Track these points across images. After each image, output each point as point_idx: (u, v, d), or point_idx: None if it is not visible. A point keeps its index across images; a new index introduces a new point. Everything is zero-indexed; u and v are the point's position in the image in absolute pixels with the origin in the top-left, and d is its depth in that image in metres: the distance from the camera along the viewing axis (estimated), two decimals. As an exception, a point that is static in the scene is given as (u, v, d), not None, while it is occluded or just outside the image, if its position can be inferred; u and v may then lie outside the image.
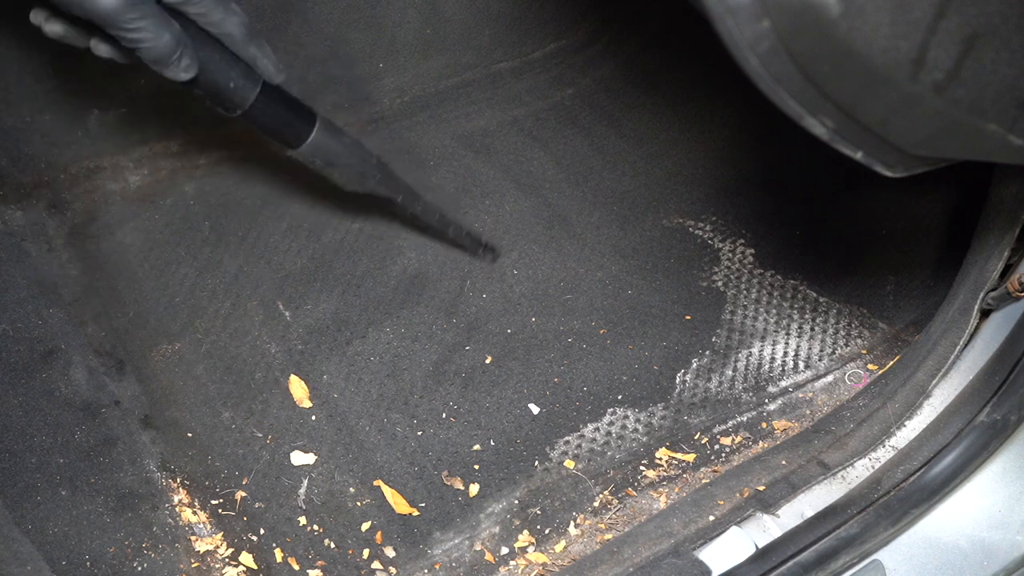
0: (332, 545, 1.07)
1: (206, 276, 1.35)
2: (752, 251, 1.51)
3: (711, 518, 1.03)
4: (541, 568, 1.05)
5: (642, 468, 1.18)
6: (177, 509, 1.07)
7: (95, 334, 1.24)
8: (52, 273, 1.30)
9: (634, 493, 1.14)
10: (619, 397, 1.26)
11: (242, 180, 1.52)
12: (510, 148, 1.68)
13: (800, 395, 1.28)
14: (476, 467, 1.16)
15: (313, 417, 1.20)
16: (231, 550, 1.05)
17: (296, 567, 1.04)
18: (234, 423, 1.17)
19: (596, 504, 1.13)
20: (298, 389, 1.19)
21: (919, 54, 0.55)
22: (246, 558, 1.04)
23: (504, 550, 1.08)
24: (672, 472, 1.17)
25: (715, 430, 1.23)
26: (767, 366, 1.32)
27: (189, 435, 1.16)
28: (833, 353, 1.34)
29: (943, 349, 1.05)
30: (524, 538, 1.09)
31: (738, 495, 1.06)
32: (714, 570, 0.95)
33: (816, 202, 1.59)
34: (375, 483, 1.13)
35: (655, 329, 1.36)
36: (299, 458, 1.15)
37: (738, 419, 1.24)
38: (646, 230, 1.54)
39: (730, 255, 1.50)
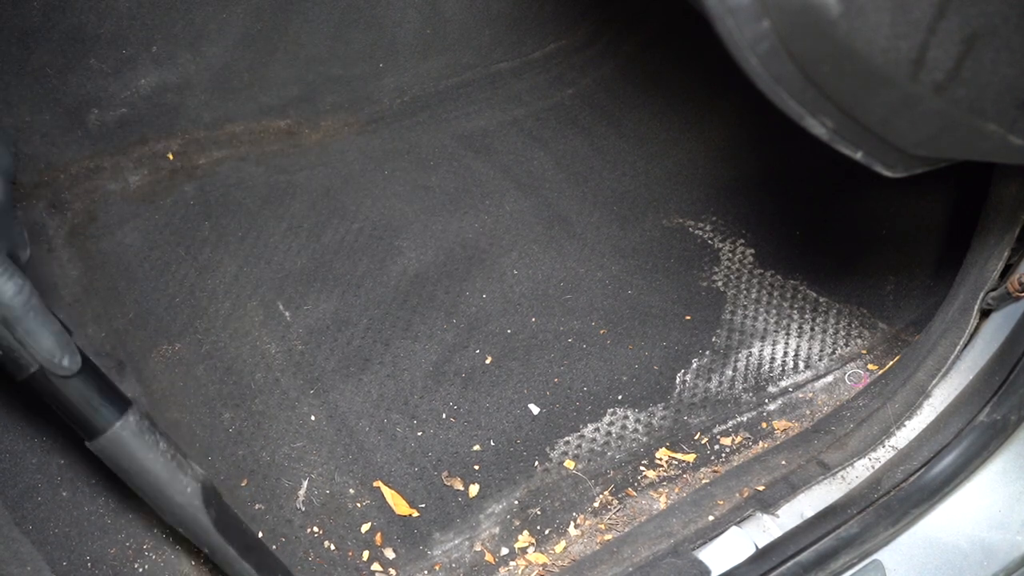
0: (332, 547, 1.07)
1: (206, 276, 1.35)
2: (752, 251, 1.51)
3: (711, 518, 1.03)
4: (541, 568, 1.05)
5: (642, 468, 1.18)
6: (177, 509, 1.07)
7: (95, 335, 1.24)
8: (52, 273, 1.30)
9: (634, 493, 1.14)
10: (619, 397, 1.26)
11: (242, 180, 1.52)
12: (510, 148, 1.68)
13: (800, 395, 1.28)
14: (476, 467, 1.16)
15: (313, 417, 1.20)
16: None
17: (296, 569, 1.04)
18: (234, 424, 1.17)
19: (596, 504, 1.13)
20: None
21: (919, 54, 0.55)
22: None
23: (504, 551, 1.08)
24: (672, 472, 1.17)
25: (715, 430, 1.23)
26: (767, 366, 1.32)
27: (189, 436, 1.16)
28: (833, 353, 1.34)
29: (943, 349, 1.05)
30: (524, 538, 1.09)
31: (738, 495, 1.06)
32: (714, 570, 0.95)
33: (816, 202, 1.59)
34: (375, 484, 1.13)
35: (655, 329, 1.36)
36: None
37: (738, 419, 1.24)
38: (646, 230, 1.54)
39: (730, 255, 1.50)
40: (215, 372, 1.23)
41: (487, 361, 1.29)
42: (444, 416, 1.22)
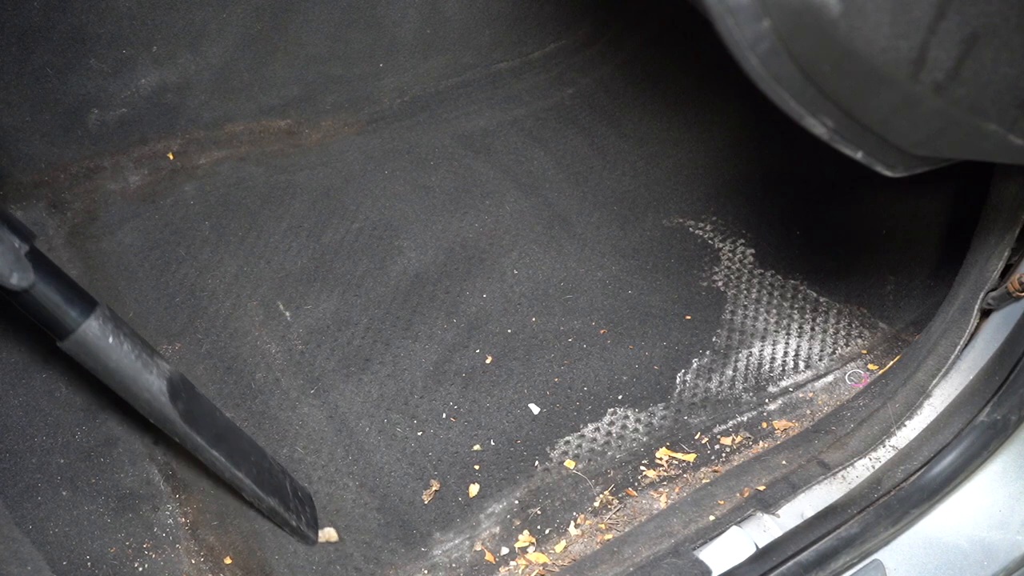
0: (332, 546, 1.07)
1: (206, 276, 1.35)
2: (752, 251, 1.51)
3: (711, 518, 1.03)
4: (541, 568, 1.05)
5: (642, 468, 1.18)
6: (178, 509, 1.07)
7: (95, 334, 1.24)
8: (52, 273, 1.30)
9: (634, 493, 1.14)
10: (619, 397, 1.26)
11: (242, 180, 1.52)
12: (510, 148, 1.68)
13: (800, 395, 1.28)
14: (476, 467, 1.16)
15: (313, 417, 1.20)
16: (231, 551, 1.05)
17: (296, 568, 1.04)
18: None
19: (596, 504, 1.13)
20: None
21: (919, 54, 0.55)
22: (246, 558, 1.04)
23: (504, 550, 1.08)
24: (672, 472, 1.17)
25: (715, 430, 1.23)
26: (767, 366, 1.32)
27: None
28: (833, 353, 1.34)
29: (943, 349, 1.05)
30: (524, 538, 1.09)
31: (738, 495, 1.06)
32: (714, 570, 0.95)
33: (816, 202, 1.59)
34: (375, 483, 1.13)
35: (655, 329, 1.36)
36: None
37: (738, 419, 1.24)
38: (646, 230, 1.54)
39: (730, 255, 1.50)
40: (215, 372, 1.23)
41: (487, 361, 1.29)
42: (444, 416, 1.22)
